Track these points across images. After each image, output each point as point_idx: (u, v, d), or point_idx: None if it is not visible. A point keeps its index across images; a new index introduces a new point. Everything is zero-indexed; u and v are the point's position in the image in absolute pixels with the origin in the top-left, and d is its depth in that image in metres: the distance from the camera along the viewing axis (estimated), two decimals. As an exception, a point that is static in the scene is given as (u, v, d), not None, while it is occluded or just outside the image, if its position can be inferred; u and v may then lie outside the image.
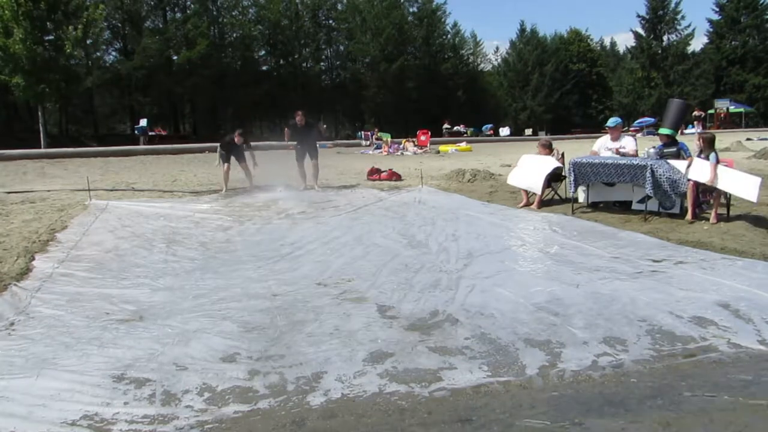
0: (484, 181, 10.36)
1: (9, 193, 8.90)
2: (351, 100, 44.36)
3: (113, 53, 36.52)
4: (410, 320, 3.55)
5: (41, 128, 23.83)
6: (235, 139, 9.44)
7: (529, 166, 8.20)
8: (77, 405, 2.52)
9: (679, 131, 8.87)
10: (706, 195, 6.35)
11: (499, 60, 56.03)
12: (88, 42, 26.65)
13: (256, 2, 40.98)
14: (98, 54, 32.65)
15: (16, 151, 17.96)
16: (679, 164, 6.81)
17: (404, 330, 3.39)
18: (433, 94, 44.41)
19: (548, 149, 8.47)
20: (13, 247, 5.36)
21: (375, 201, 8.42)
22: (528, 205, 7.96)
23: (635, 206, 7.16)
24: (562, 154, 8.48)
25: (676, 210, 6.72)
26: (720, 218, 6.29)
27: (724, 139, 17.33)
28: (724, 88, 46.35)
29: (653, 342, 3.14)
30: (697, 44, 54.05)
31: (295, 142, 9.67)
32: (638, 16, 49.50)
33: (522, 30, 53.05)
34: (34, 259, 5.01)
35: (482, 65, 55.28)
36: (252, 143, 9.95)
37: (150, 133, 28.83)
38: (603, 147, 7.89)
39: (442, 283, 4.38)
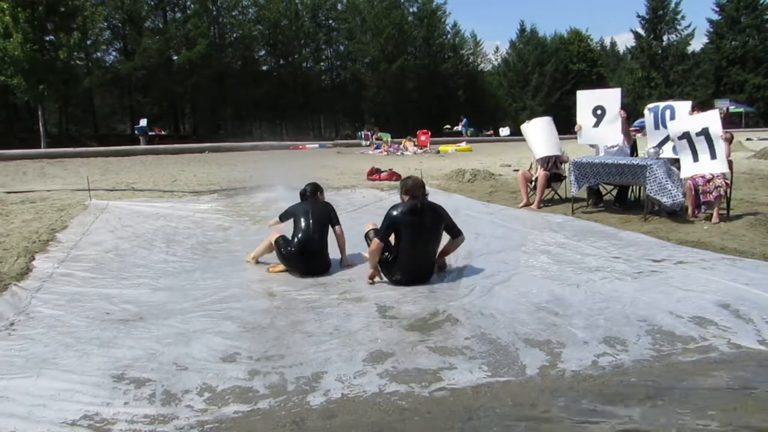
0: (484, 181, 10.37)
1: (9, 193, 8.90)
2: (351, 100, 44.37)
3: (113, 53, 36.62)
4: (410, 320, 3.55)
5: (41, 128, 23.86)
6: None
7: (540, 135, 8.17)
8: (77, 405, 2.51)
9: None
10: (706, 195, 6.36)
11: (499, 60, 56.12)
12: (88, 43, 26.70)
13: (256, 2, 41.01)
14: (98, 54, 32.72)
15: (16, 151, 17.99)
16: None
17: (404, 330, 3.39)
18: (433, 94, 44.43)
19: None
20: (13, 247, 5.36)
21: (375, 201, 8.41)
22: (528, 205, 7.97)
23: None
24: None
25: (676, 208, 6.72)
26: (720, 218, 6.30)
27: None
28: (724, 88, 46.39)
29: (653, 342, 3.14)
30: (697, 44, 54.19)
31: None
32: (638, 16, 49.62)
33: (522, 30, 53.12)
34: (34, 259, 5.00)
35: (482, 65, 55.39)
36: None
37: (150, 133, 28.88)
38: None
39: (442, 282, 4.38)
